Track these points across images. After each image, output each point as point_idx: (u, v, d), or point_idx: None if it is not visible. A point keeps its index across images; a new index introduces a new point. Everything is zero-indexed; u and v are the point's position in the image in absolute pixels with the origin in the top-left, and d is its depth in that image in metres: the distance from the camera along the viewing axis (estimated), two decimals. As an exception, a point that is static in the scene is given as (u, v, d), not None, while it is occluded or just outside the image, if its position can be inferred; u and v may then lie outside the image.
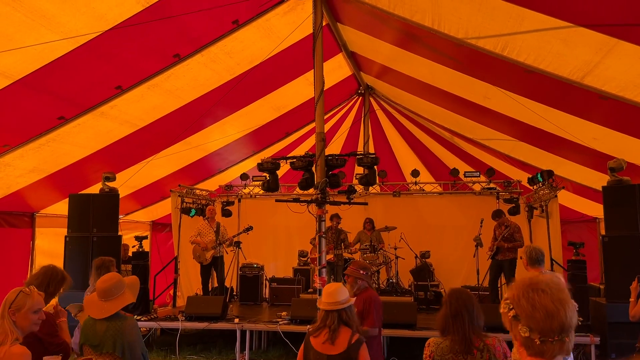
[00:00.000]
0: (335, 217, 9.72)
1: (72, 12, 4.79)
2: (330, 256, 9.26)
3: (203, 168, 10.56)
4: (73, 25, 4.94)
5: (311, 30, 6.83)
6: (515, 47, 5.28)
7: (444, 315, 2.96)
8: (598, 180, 7.48)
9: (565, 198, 9.56)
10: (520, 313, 1.58)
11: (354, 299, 3.59)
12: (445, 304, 3.01)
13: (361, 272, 4.61)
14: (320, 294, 5.47)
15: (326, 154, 6.72)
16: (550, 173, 8.44)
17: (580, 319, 1.55)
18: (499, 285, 8.97)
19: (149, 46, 6.00)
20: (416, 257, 10.07)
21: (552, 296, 1.55)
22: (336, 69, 9.15)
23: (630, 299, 4.68)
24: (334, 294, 3.42)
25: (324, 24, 6.99)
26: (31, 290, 2.88)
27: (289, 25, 6.94)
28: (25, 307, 2.79)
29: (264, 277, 10.28)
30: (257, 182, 10.78)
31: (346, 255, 9.76)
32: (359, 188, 10.43)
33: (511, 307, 1.62)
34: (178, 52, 6.29)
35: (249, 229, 9.83)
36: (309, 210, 6.61)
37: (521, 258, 5.06)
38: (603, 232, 6.77)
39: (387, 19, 6.22)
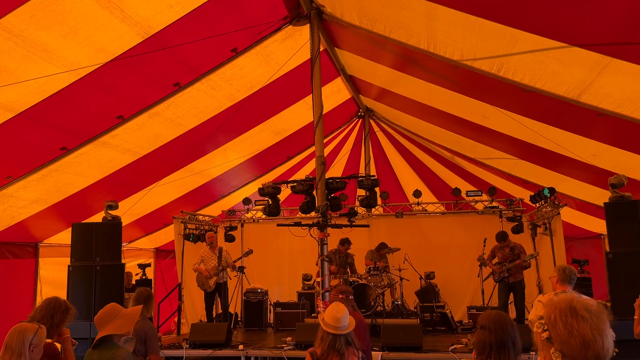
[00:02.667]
0: (346, 242, 9.67)
1: (73, 45, 4.88)
2: (336, 281, 9.22)
3: (205, 194, 10.60)
4: (74, 58, 5.04)
5: (309, 56, 6.93)
6: (510, 68, 5.34)
7: (486, 344, 2.72)
8: (600, 196, 7.47)
9: (568, 215, 9.54)
10: (554, 336, 1.51)
11: (354, 323, 3.60)
12: (485, 329, 2.77)
13: (340, 296, 4.63)
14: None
15: (327, 177, 6.76)
16: (552, 190, 8.44)
17: (616, 350, 1.47)
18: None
19: (149, 76, 6.09)
20: (421, 278, 10.00)
21: (592, 324, 1.47)
22: (335, 93, 9.24)
23: (635, 317, 4.63)
24: (342, 319, 3.48)
25: (321, 49, 7.10)
26: (40, 325, 2.95)
27: (287, 51, 7.05)
28: (42, 343, 2.93)
29: (268, 302, 10.22)
30: (260, 207, 10.79)
31: (352, 279, 9.71)
32: (361, 210, 10.44)
33: (545, 328, 1.54)
34: (178, 80, 6.38)
35: (249, 252, 9.80)
36: (310, 234, 6.62)
37: (550, 278, 5.09)
38: (608, 248, 6.73)
39: (383, 42, 6.31)
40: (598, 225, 9.51)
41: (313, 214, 6.78)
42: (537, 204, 9.15)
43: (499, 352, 2.67)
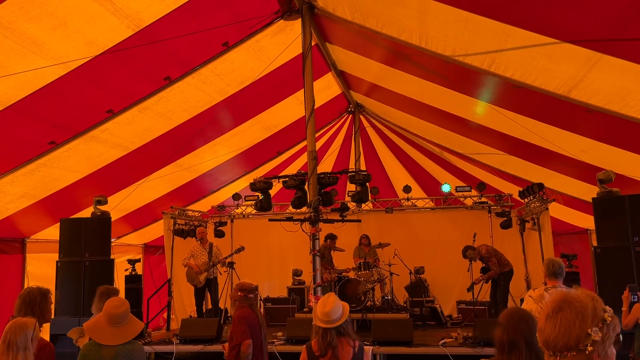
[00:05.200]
0: (329, 238, 9.76)
1: (62, 38, 4.82)
2: (332, 275, 9.27)
3: (195, 189, 10.54)
4: (63, 51, 4.97)
5: (300, 51, 6.91)
6: (502, 63, 5.37)
7: (499, 342, 2.63)
8: (588, 192, 7.56)
9: (556, 210, 9.63)
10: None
11: (347, 312, 3.62)
12: (500, 326, 2.66)
13: (239, 293, 4.83)
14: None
15: (318, 172, 6.75)
16: (540, 186, 8.52)
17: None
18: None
19: (139, 70, 6.03)
20: (410, 273, 10.05)
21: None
22: (326, 88, 9.23)
23: (623, 309, 4.70)
24: (331, 313, 3.48)
25: (312, 44, 7.08)
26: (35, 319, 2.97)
27: (279, 46, 7.02)
28: (39, 337, 2.96)
29: (258, 297, 10.19)
30: (250, 202, 10.75)
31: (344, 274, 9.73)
32: (352, 205, 10.45)
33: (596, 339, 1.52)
34: (169, 74, 6.32)
35: (241, 249, 9.79)
36: (302, 229, 6.62)
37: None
38: (595, 243, 6.81)
39: (375, 38, 6.31)
40: (585, 221, 9.62)
41: (305, 209, 6.78)
42: (526, 200, 9.24)
43: (511, 351, 2.55)
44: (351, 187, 10.27)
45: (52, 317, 6.26)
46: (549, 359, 1.55)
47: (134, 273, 8.87)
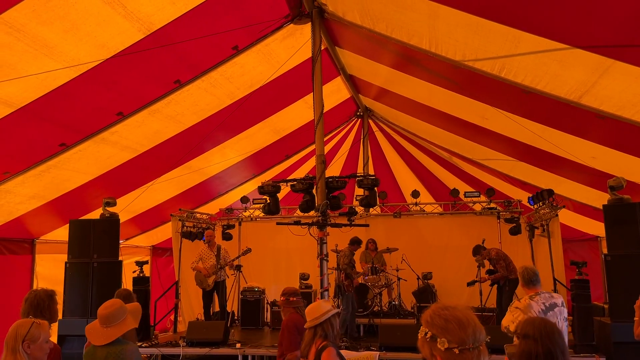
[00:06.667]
0: (355, 243, 9.23)
1: (74, 41, 4.85)
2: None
3: (203, 192, 10.57)
4: (75, 54, 5.01)
5: (310, 55, 6.92)
6: (512, 69, 5.34)
7: (532, 354, 2.41)
8: (598, 198, 7.49)
9: (566, 217, 9.56)
10: (435, 331, 1.70)
11: (332, 311, 3.71)
12: (529, 338, 2.45)
13: (281, 298, 4.92)
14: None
15: (326, 176, 6.74)
16: (550, 192, 8.45)
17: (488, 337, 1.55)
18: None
19: (149, 73, 6.06)
20: (418, 278, 10.01)
21: (461, 311, 1.71)
22: (335, 92, 9.23)
23: (635, 318, 4.63)
24: (310, 312, 3.68)
25: (322, 48, 7.09)
26: (40, 321, 2.89)
27: (288, 49, 7.03)
28: (41, 338, 2.82)
29: (265, 301, 10.21)
30: (258, 205, 10.78)
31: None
32: (360, 209, 10.43)
33: (426, 330, 1.73)
34: (179, 78, 6.35)
35: (247, 251, 9.79)
36: (310, 233, 6.61)
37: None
38: (605, 250, 6.75)
39: (384, 42, 6.30)
40: (595, 228, 9.54)
41: (312, 212, 6.77)
42: (535, 206, 9.17)
43: None
44: (359, 192, 10.25)
45: (60, 317, 6.31)
46: None
47: (141, 275, 8.87)
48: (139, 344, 7.42)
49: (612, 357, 6.18)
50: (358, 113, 11.05)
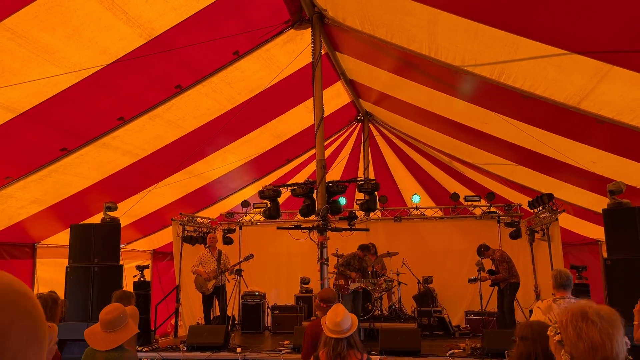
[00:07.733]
0: (365, 249, 9.23)
1: (76, 47, 4.89)
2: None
3: (204, 196, 10.59)
4: (77, 59, 5.04)
5: (310, 60, 6.95)
6: (511, 74, 5.36)
7: (530, 355, 2.48)
8: (598, 202, 7.50)
9: (566, 221, 9.56)
10: (565, 339, 1.57)
11: (356, 323, 3.61)
12: (527, 340, 2.53)
13: (322, 304, 4.60)
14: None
15: (326, 180, 6.77)
16: (550, 196, 8.47)
17: (630, 358, 1.47)
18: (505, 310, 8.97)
19: (150, 78, 6.10)
20: (419, 282, 10.01)
21: (601, 329, 1.51)
22: (335, 97, 9.26)
23: (635, 322, 4.64)
24: (342, 323, 3.48)
25: (322, 53, 7.12)
26: (50, 324, 2.91)
27: (289, 54, 7.07)
28: (52, 342, 2.86)
29: (266, 305, 10.21)
30: (258, 209, 10.80)
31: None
32: (360, 214, 10.43)
33: (558, 331, 1.61)
34: (179, 83, 6.39)
35: (250, 257, 9.80)
36: (310, 237, 6.62)
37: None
38: (605, 254, 6.75)
39: (384, 47, 6.33)
40: (595, 232, 9.54)
41: (313, 217, 6.79)
42: (535, 210, 9.19)
43: None
44: (359, 196, 10.27)
45: (61, 322, 6.32)
46: None
47: (142, 279, 8.87)
48: (139, 348, 7.44)
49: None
50: (358, 117, 11.08)
